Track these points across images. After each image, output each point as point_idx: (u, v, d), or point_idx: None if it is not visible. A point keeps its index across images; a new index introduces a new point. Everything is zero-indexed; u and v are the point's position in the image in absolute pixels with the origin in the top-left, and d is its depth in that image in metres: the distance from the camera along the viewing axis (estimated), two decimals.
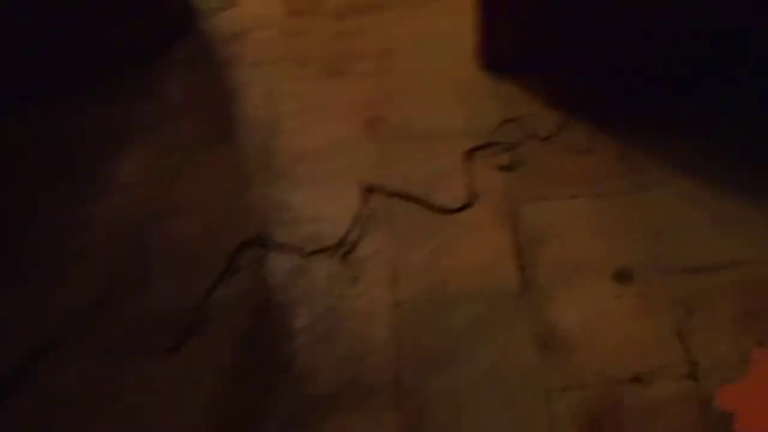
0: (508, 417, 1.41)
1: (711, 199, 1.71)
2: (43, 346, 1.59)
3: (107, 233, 1.83)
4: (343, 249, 1.73)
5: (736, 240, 1.64)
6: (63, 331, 1.62)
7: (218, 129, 2.04)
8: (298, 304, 1.64)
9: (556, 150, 1.86)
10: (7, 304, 1.69)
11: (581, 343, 1.52)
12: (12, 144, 2.07)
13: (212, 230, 1.80)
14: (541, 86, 2.00)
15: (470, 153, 1.87)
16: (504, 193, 1.78)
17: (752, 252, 1.61)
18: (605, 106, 1.94)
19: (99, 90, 2.18)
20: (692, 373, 1.46)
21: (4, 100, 2.11)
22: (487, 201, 1.78)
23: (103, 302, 1.68)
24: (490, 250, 1.69)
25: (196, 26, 2.37)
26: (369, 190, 1.82)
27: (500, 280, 1.63)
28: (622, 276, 1.62)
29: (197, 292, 1.66)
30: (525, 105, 1.96)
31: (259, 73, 2.18)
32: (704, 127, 1.86)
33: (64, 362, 1.57)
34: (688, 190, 1.74)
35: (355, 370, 1.52)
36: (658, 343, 1.51)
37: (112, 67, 2.21)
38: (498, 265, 1.66)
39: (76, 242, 1.81)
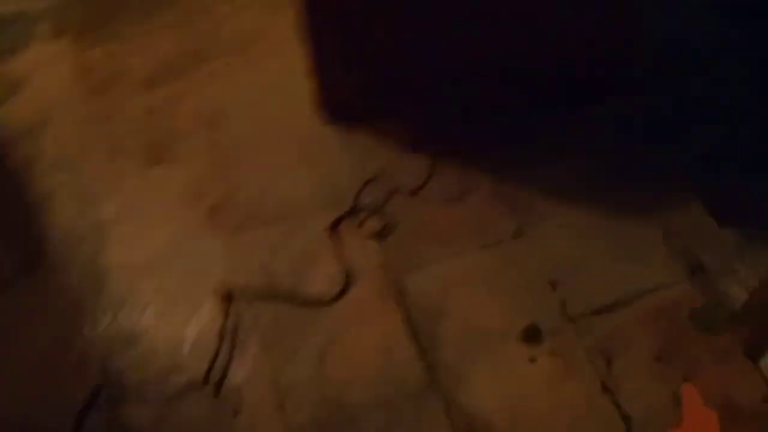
0: None
1: (600, 227, 1.58)
2: None
3: None
4: (213, 379, 1.44)
5: (636, 267, 1.52)
6: None
7: (26, 257, 1.65)
8: None
9: (429, 202, 1.65)
10: None
11: (507, 427, 1.34)
12: None
13: (41, 397, 1.44)
14: (398, 132, 1.77)
15: (335, 226, 1.63)
16: (383, 266, 1.56)
17: (655, 276, 1.50)
18: (471, 143, 1.76)
19: None
20: (628, 430, 1.33)
21: None
22: (367, 279, 1.55)
23: None
24: (383, 338, 1.47)
25: None
26: (228, 298, 1.54)
27: (402, 372, 1.42)
28: (531, 335, 1.45)
29: None
30: (385, 157, 1.72)
31: (65, 174, 1.79)
32: (577, 151, 1.72)
33: None
34: (576, 220, 1.60)
35: None
36: (587, 403, 1.36)
37: None
38: (395, 354, 1.44)
39: None
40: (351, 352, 1.46)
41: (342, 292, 1.53)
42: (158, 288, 1.58)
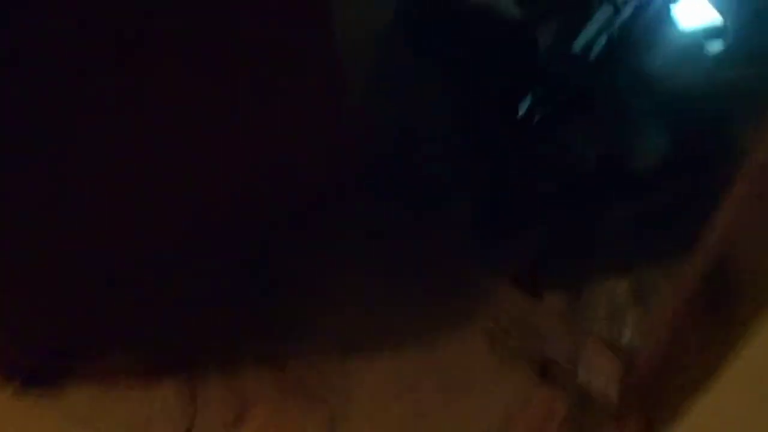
0: None
1: (422, 371, 1.24)
2: None
3: None
4: None
5: (483, 397, 1.21)
6: None
7: None
8: None
9: None
10: None
11: None
12: None
13: None
14: (123, 375, 1.24)
15: None
16: None
17: (508, 398, 1.20)
18: (222, 346, 1.29)
19: None
20: None
21: None
22: None
23: None
24: None
25: None
26: None
27: None
28: None
29: None
30: (121, 416, 1.20)
31: None
32: (350, 297, 1.34)
33: None
34: (393, 377, 1.24)
35: None
36: None
37: None
38: None
39: None
40: None
41: None
42: None
